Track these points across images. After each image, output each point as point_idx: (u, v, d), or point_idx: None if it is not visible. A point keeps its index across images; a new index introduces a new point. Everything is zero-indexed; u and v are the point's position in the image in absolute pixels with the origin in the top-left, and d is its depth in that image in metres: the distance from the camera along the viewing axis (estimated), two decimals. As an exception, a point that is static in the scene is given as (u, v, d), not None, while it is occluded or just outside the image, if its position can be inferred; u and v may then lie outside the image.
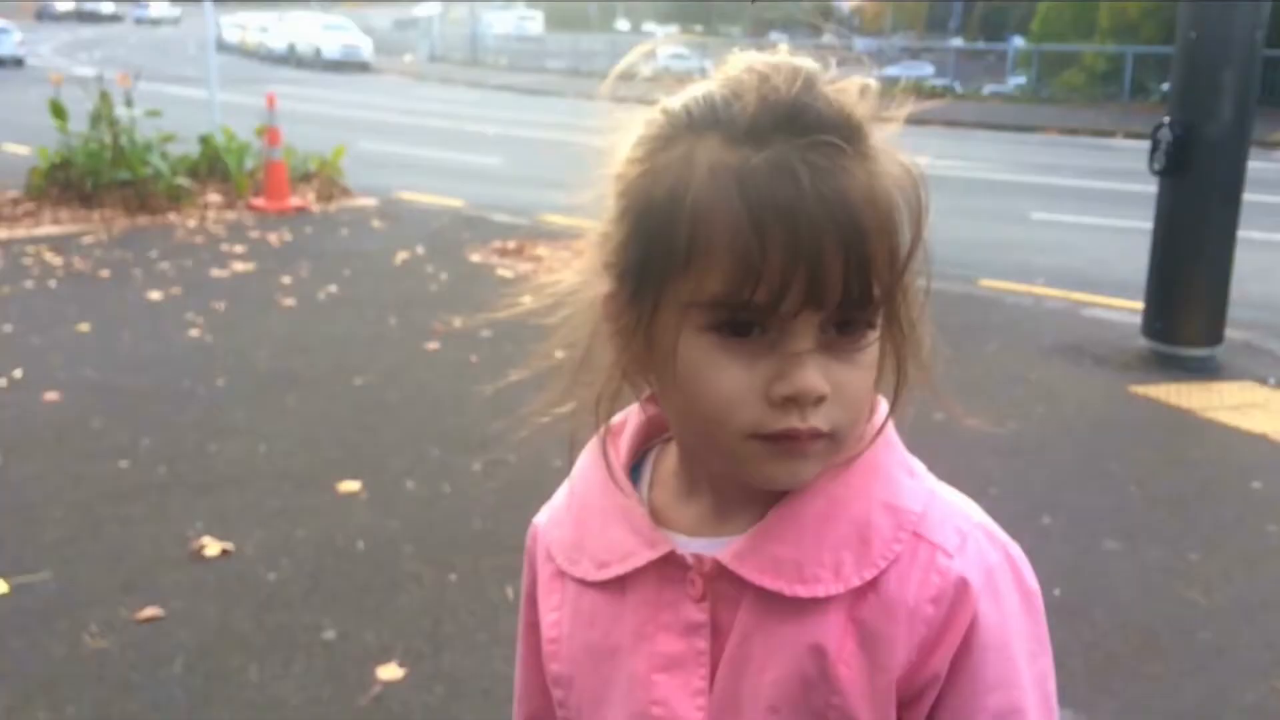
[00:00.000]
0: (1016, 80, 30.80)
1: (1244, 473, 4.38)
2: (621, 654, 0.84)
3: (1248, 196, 5.79)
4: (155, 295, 6.93)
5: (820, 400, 0.73)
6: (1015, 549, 0.83)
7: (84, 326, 6.17)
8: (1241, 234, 5.79)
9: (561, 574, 0.89)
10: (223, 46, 11.91)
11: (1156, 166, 5.65)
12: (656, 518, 0.85)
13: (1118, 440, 4.80)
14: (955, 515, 0.81)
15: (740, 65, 0.76)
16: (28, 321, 6.24)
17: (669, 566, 0.82)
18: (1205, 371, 5.62)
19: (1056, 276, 7.95)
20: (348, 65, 35.23)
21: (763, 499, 0.80)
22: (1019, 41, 34.58)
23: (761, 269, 0.70)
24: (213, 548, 3.52)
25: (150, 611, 3.13)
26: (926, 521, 0.79)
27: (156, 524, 3.72)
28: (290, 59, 36.84)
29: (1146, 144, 5.80)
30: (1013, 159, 16.88)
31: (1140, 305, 6.04)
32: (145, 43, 41.30)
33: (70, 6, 60.77)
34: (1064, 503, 4.00)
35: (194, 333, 6.10)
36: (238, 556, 3.49)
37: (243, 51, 39.77)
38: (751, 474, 0.76)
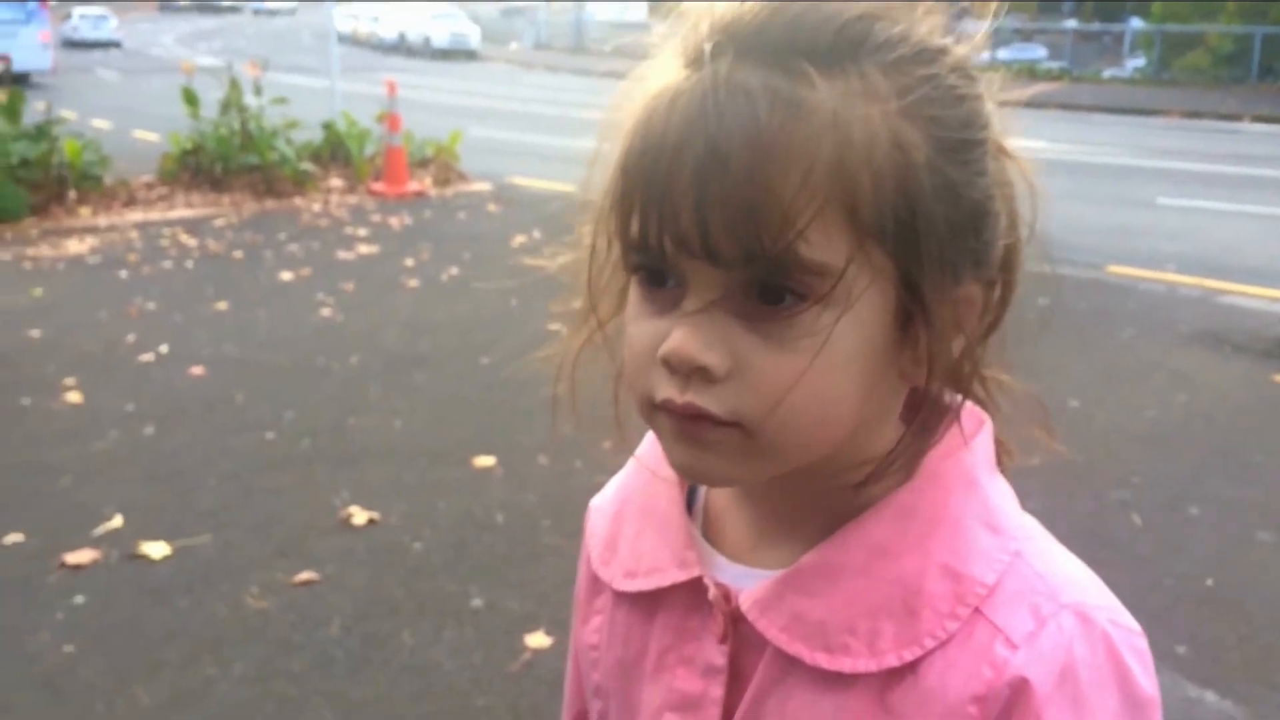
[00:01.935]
0: (1135, 63, 29.81)
1: (1402, 466, 4.19)
2: (646, 680, 0.74)
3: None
4: (286, 276, 7.16)
5: (707, 374, 0.59)
6: (1128, 640, 0.63)
7: (221, 305, 6.40)
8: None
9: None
10: (330, 36, 12.27)
11: (1306, 148, 5.42)
12: (709, 525, 0.73)
13: (1262, 429, 4.63)
14: (1039, 590, 0.63)
15: None
16: (169, 300, 6.50)
17: (698, 592, 0.70)
18: (1354, 361, 5.39)
19: (1187, 263, 7.69)
20: (456, 53, 35.73)
21: (807, 527, 0.67)
22: (1137, 23, 33.45)
23: (632, 199, 0.60)
24: (360, 517, 3.63)
25: (306, 575, 3.25)
26: (996, 596, 0.63)
27: (304, 493, 3.85)
28: (400, 48, 37.52)
29: (1278, 128, 5.56)
30: (1134, 143, 16.33)
31: (1282, 293, 5.82)
32: (262, 33, 42.49)
33: (191, -2, 62.79)
34: (1211, 493, 3.89)
35: (325, 312, 6.28)
36: (384, 526, 3.60)
37: (354, 41, 40.62)
38: (666, 456, 0.65)
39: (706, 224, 0.57)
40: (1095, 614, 0.63)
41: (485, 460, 4.14)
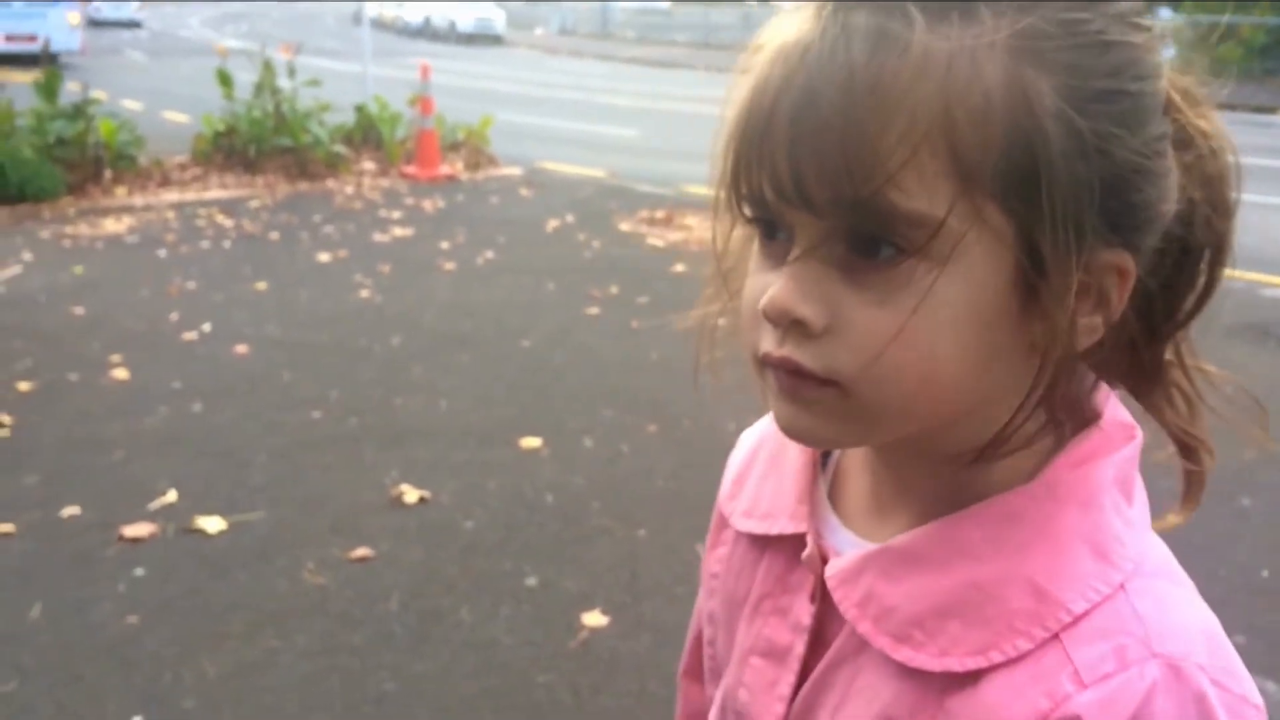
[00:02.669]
0: (1165, 53, 29.58)
1: None
2: (744, 619, 0.75)
3: None
4: (324, 257, 7.19)
5: (804, 328, 0.57)
6: (1234, 707, 0.56)
7: (261, 285, 6.44)
8: None
9: None
10: (361, 20, 12.27)
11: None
12: (835, 484, 0.73)
13: (1310, 424, 4.60)
14: (1132, 632, 0.57)
15: None
16: (208, 279, 6.54)
17: (803, 547, 0.70)
18: (1401, 356, 5.35)
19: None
20: (481, 38, 35.74)
21: (917, 506, 0.65)
22: (1167, 13, 33.13)
23: (740, 149, 0.59)
24: (411, 495, 3.66)
25: (361, 552, 3.28)
26: (1081, 627, 0.57)
27: (354, 471, 3.88)
28: (425, 32, 37.56)
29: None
30: (1165, 135, 16.19)
31: (1328, 286, 5.77)
32: (287, 16, 42.57)
33: (215, -19, 62.88)
34: (1261, 484, 3.87)
35: (364, 293, 6.31)
36: (435, 505, 3.62)
37: (379, 25, 40.66)
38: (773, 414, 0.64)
39: (799, 168, 0.55)
40: (1193, 671, 0.55)
41: (532, 441, 4.16)
